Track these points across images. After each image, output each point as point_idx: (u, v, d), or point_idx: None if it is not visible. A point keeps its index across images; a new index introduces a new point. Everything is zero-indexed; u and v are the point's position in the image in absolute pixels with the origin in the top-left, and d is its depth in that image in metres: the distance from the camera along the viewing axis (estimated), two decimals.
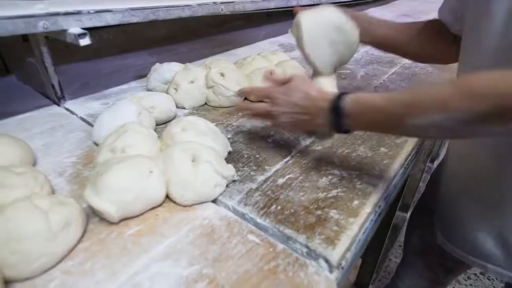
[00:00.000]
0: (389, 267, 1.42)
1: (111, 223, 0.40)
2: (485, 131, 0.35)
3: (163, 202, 0.44)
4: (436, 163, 2.10)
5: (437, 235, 0.64)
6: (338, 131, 0.44)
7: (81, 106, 0.70)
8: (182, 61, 0.78)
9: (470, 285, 1.35)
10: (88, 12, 0.61)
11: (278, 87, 0.49)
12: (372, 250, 1.00)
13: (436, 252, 0.70)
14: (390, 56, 1.06)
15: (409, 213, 1.65)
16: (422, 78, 0.91)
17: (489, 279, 1.37)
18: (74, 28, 0.59)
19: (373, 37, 0.63)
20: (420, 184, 1.65)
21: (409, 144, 0.58)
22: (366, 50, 1.12)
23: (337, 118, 0.42)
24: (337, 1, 1.46)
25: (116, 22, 0.65)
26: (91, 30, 0.60)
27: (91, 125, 0.62)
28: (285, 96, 0.47)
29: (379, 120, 0.40)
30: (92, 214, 0.41)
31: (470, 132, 0.37)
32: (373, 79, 0.86)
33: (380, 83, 0.84)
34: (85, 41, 0.59)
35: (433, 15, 0.62)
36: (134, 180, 0.40)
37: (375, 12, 1.85)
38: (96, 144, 0.55)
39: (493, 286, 1.34)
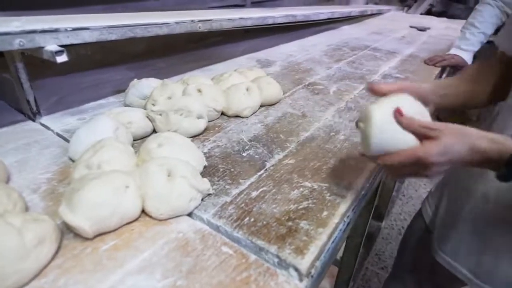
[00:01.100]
0: (366, 275, 1.46)
1: (86, 238, 0.40)
2: None
3: (139, 216, 0.45)
4: None
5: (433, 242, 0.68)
6: (502, 179, 0.41)
7: (57, 121, 0.69)
8: (160, 76, 0.80)
9: None
10: (65, 30, 0.61)
11: (429, 148, 0.39)
12: (348, 259, 1.02)
13: (426, 268, 0.73)
14: (361, 72, 1.12)
15: (383, 222, 1.71)
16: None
17: None
18: (51, 45, 0.60)
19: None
20: (393, 193, 1.71)
21: None
22: (339, 67, 1.17)
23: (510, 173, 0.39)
24: (311, 20, 1.52)
25: (94, 40, 0.66)
26: (68, 45, 0.61)
27: (67, 140, 0.62)
28: (443, 157, 0.39)
29: None
30: (67, 230, 0.42)
31: None
32: (344, 94, 0.91)
33: (351, 98, 0.89)
34: (62, 58, 0.59)
35: (402, 32, 0.65)
36: (110, 195, 0.41)
37: (349, 31, 1.94)
38: (72, 160, 0.56)
39: None
